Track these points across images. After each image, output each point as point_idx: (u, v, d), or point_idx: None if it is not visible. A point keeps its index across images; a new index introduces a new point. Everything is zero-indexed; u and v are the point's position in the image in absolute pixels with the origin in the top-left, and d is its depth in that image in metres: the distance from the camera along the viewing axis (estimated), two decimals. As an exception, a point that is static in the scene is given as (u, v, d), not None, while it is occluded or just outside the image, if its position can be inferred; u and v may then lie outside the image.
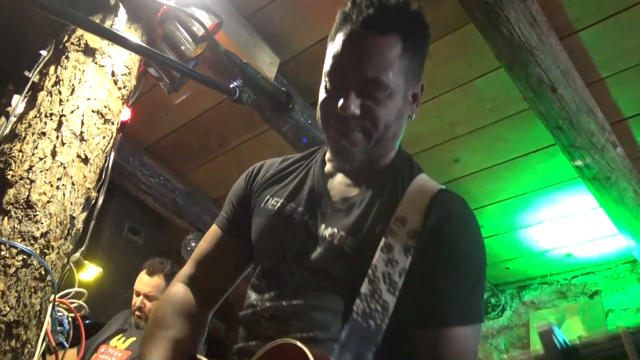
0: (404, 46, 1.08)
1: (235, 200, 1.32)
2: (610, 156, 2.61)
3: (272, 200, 1.21)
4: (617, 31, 2.31)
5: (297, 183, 1.23)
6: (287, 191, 1.22)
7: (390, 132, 1.13)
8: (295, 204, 1.18)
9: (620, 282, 3.64)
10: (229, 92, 1.22)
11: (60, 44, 1.93)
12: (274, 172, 1.30)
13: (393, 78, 1.07)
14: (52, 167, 1.67)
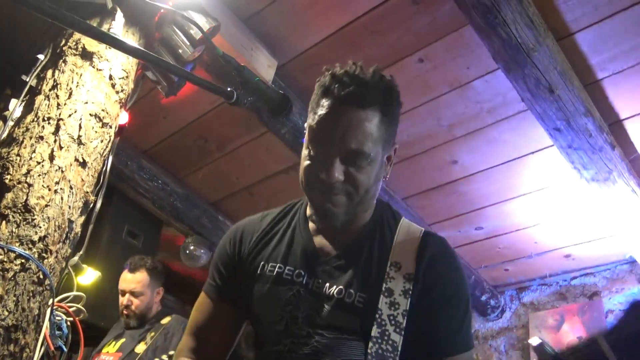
0: (381, 117, 1.19)
1: (224, 267, 1.36)
2: (608, 157, 2.61)
3: (267, 267, 1.27)
4: (614, 32, 2.31)
5: (287, 244, 1.29)
6: (280, 254, 1.28)
7: (370, 194, 1.24)
8: (292, 267, 1.25)
9: (619, 283, 3.64)
10: (226, 95, 1.22)
11: (57, 48, 1.93)
12: (259, 234, 1.35)
13: (373, 148, 1.17)
14: (50, 171, 1.67)
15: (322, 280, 1.21)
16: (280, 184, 3.47)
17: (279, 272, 1.25)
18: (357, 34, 2.50)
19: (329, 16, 2.45)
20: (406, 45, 2.53)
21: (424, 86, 2.70)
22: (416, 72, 2.63)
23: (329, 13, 2.44)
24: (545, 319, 3.80)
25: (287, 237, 1.31)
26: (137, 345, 2.90)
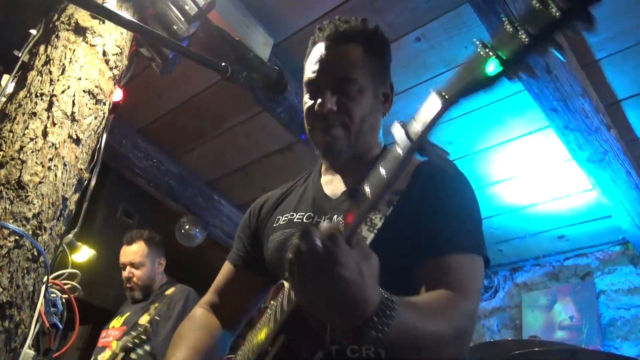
0: (364, 50, 1.27)
1: (244, 235, 1.44)
2: (604, 138, 2.61)
3: (282, 218, 1.33)
4: (611, 13, 2.29)
5: (300, 195, 1.36)
6: (293, 204, 1.34)
7: (367, 125, 1.27)
8: (303, 212, 1.29)
9: (611, 264, 3.68)
10: (221, 70, 1.21)
11: (50, 23, 1.90)
12: (277, 197, 1.43)
13: (360, 75, 1.25)
14: (43, 147, 1.65)
15: (331, 215, 1.23)
16: (275, 164, 3.46)
17: (290, 219, 1.30)
18: (354, 12, 2.47)
19: (326, -7, 2.42)
20: (403, 24, 2.50)
21: (421, 65, 2.68)
22: (413, 51, 2.61)
23: (326, -10, 2.41)
24: (537, 299, 3.84)
25: (300, 190, 1.38)
26: (141, 317, 2.91)
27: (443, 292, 1.02)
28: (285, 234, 1.27)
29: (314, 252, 0.78)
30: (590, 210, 3.41)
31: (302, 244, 0.80)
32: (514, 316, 3.92)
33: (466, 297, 1.03)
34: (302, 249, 0.80)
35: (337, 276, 0.78)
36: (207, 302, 1.43)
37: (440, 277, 1.05)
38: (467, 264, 1.09)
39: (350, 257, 0.79)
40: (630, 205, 2.97)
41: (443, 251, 1.08)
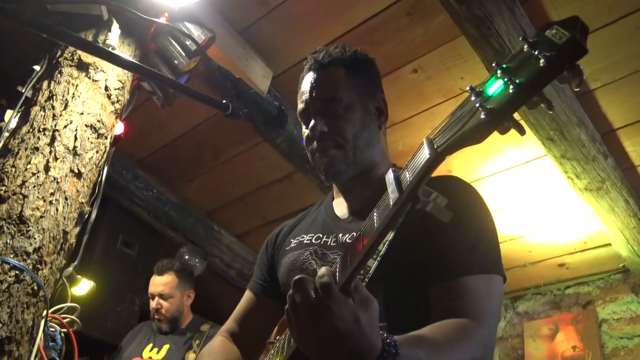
0: (346, 71, 1.33)
1: (262, 263, 1.46)
2: (601, 166, 2.63)
3: (293, 241, 1.37)
4: (605, 43, 2.34)
5: (313, 219, 1.41)
6: (305, 227, 1.39)
7: (362, 140, 1.29)
8: (313, 233, 1.32)
9: (613, 292, 3.66)
10: (222, 108, 1.23)
11: (53, 59, 1.93)
12: (293, 223, 1.47)
13: (345, 93, 1.30)
14: (45, 182, 1.67)
15: (337, 234, 1.25)
16: (275, 193, 3.47)
17: (300, 241, 1.33)
18: (352, 44, 2.51)
19: (324, 27, 2.47)
20: (400, 56, 2.55)
21: (418, 96, 2.72)
22: (411, 83, 2.65)
23: (324, 24, 2.46)
24: (539, 328, 3.81)
25: (314, 215, 1.42)
26: (187, 353, 2.88)
27: (455, 322, 0.98)
28: (295, 255, 1.30)
29: (307, 303, 0.78)
30: (589, 239, 3.41)
31: (296, 295, 0.80)
32: (516, 346, 3.89)
33: (480, 324, 0.98)
34: (296, 300, 0.79)
35: (332, 328, 0.77)
36: (227, 331, 1.43)
37: (453, 302, 1.01)
38: (482, 285, 1.04)
39: (346, 308, 0.78)
40: (630, 233, 2.98)
41: (455, 274, 1.04)
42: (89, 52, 1.22)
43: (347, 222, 1.28)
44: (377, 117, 1.36)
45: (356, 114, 1.30)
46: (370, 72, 1.40)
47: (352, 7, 2.38)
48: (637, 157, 2.85)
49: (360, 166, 1.30)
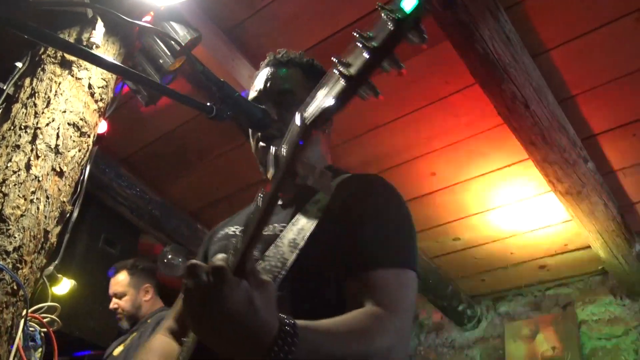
0: (302, 72, 1.39)
1: (200, 258, 1.44)
2: (581, 171, 2.67)
3: (222, 232, 1.38)
4: (587, 50, 2.38)
5: (243, 213, 1.43)
6: (233, 221, 1.41)
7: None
8: (238, 225, 1.34)
9: (592, 294, 3.72)
10: (206, 110, 1.23)
11: (36, 56, 1.91)
12: (230, 218, 1.48)
13: (297, 89, 1.35)
14: (26, 180, 1.65)
15: None
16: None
17: (227, 232, 1.35)
18: (338, 46, 2.51)
19: (311, 28, 2.47)
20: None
21: (403, 99, 2.73)
22: (396, 86, 2.66)
23: (311, 25, 2.46)
24: (520, 328, 3.85)
25: (247, 209, 1.43)
26: (116, 348, 2.87)
27: (368, 310, 0.98)
28: (218, 246, 1.31)
29: (199, 288, 0.78)
30: (570, 241, 3.46)
31: (188, 280, 0.79)
32: (497, 346, 3.93)
33: (394, 313, 0.98)
34: (189, 285, 0.79)
35: (226, 309, 0.76)
36: (167, 329, 1.39)
37: (368, 293, 1.01)
38: (395, 278, 1.05)
39: (238, 290, 0.78)
40: (609, 236, 3.03)
41: (370, 266, 1.05)
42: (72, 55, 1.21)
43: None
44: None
45: None
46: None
47: (339, 10, 2.39)
48: (616, 162, 2.90)
49: None
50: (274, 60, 1.43)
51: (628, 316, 3.51)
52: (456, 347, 4.12)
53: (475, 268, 3.87)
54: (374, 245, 1.09)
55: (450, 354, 4.11)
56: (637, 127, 2.69)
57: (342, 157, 3.07)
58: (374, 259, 1.06)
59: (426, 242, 3.61)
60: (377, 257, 1.07)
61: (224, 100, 1.23)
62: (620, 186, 3.04)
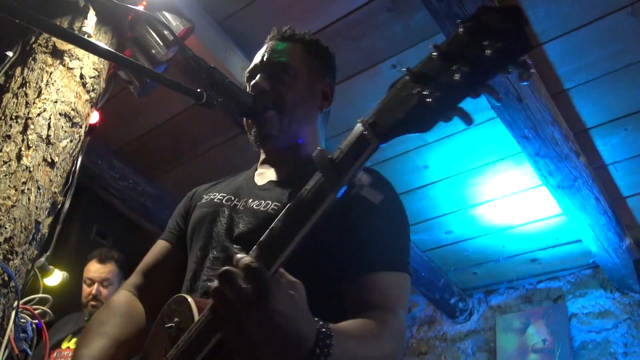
0: (303, 48, 1.38)
1: (178, 215, 1.41)
2: (573, 165, 2.68)
3: (206, 197, 1.33)
4: (580, 44, 2.38)
5: (229, 182, 1.38)
6: (219, 188, 1.36)
7: (300, 112, 1.31)
8: (225, 193, 1.30)
9: (582, 287, 3.74)
10: (196, 96, 1.22)
11: (27, 45, 1.89)
12: (214, 182, 1.44)
13: (295, 63, 1.34)
14: (17, 170, 1.64)
15: (247, 199, 1.23)
16: (253, 186, 3.46)
17: (212, 198, 1.30)
18: (332, 38, 2.52)
19: (304, 20, 2.46)
20: (380, 51, 2.56)
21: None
22: (389, 78, 2.64)
23: (304, 17, 2.45)
24: (511, 321, 3.88)
25: (234, 180, 1.39)
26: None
27: (373, 314, 1.00)
28: (203, 212, 1.27)
29: (241, 294, 0.72)
30: (561, 235, 3.48)
31: (226, 289, 0.73)
32: (489, 339, 3.95)
33: (395, 317, 1.01)
34: (228, 295, 0.73)
35: (272, 312, 0.72)
36: (133, 285, 1.32)
37: (368, 296, 1.03)
38: (394, 281, 1.08)
39: (282, 289, 0.75)
40: (600, 230, 3.05)
41: (370, 269, 1.06)
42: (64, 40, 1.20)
43: (262, 189, 1.25)
44: (321, 99, 1.39)
45: (300, 86, 1.33)
46: (326, 59, 1.44)
47: (333, 1, 2.38)
48: (608, 156, 2.92)
49: (291, 139, 1.31)
50: (277, 35, 1.42)
51: (618, 309, 3.55)
52: (448, 340, 4.15)
53: (468, 261, 3.89)
54: (374, 249, 1.09)
55: (442, 346, 4.14)
56: (629, 121, 2.71)
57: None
58: (374, 262, 1.07)
59: (419, 235, 3.62)
60: (377, 261, 1.07)
61: (214, 86, 1.21)
62: (612, 180, 3.05)
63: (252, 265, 0.73)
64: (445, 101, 0.63)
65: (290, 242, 0.76)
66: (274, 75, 1.33)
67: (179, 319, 1.00)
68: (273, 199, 1.18)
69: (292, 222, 0.77)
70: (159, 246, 1.37)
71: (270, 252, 0.77)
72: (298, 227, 0.75)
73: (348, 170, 0.71)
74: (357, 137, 0.72)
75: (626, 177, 3.03)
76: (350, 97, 2.76)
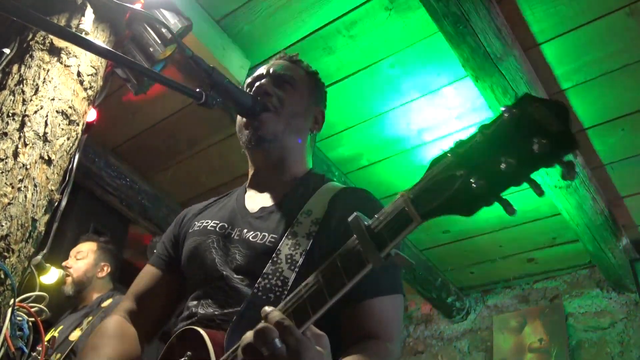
0: (304, 73, 1.45)
1: (167, 240, 1.41)
2: (570, 165, 2.68)
3: (198, 224, 1.33)
4: (578, 44, 2.39)
5: (221, 207, 1.38)
6: (212, 213, 1.36)
7: (295, 123, 1.35)
8: (218, 221, 1.30)
9: (579, 287, 3.75)
10: (195, 97, 1.22)
11: (24, 42, 1.89)
12: (203, 207, 1.43)
13: (299, 81, 1.40)
14: (13, 168, 1.63)
15: (242, 229, 1.23)
16: (250, 185, 3.46)
17: (204, 226, 1.30)
18: (330, 37, 2.52)
19: (303, 18, 2.46)
20: (378, 50, 2.55)
21: (394, 91, 2.73)
22: (387, 77, 2.66)
23: (303, 15, 2.45)
24: (508, 321, 3.89)
25: (225, 202, 1.40)
26: (73, 332, 2.74)
27: (372, 343, 1.04)
28: (196, 241, 1.27)
29: (277, 354, 0.75)
30: (558, 235, 3.49)
31: (263, 348, 0.76)
32: (485, 338, 3.96)
33: (391, 342, 1.06)
34: (264, 353, 0.75)
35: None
36: (125, 310, 1.35)
37: (366, 324, 1.07)
38: (389, 305, 1.11)
39: (312, 349, 0.77)
40: (596, 230, 3.05)
41: (368, 295, 1.09)
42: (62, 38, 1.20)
43: (255, 217, 1.26)
44: (313, 122, 1.44)
45: (299, 100, 1.38)
46: (321, 90, 1.51)
47: (331, 0, 2.38)
48: (605, 156, 2.92)
49: (282, 149, 1.33)
50: (284, 56, 1.48)
51: (614, 309, 3.55)
52: (445, 339, 4.15)
53: (464, 260, 3.89)
54: (371, 276, 1.09)
55: (439, 345, 4.14)
56: (626, 121, 2.71)
57: (333, 149, 3.08)
58: (371, 290, 1.09)
59: (416, 235, 3.62)
60: (374, 288, 1.10)
61: (213, 86, 1.22)
62: (609, 180, 3.06)
63: (285, 324, 0.76)
64: (489, 189, 0.65)
65: (323, 306, 0.79)
66: (277, 83, 1.38)
67: (192, 353, 1.02)
68: (269, 230, 1.19)
69: (327, 286, 0.79)
70: (149, 272, 1.39)
71: (301, 310, 0.80)
72: (333, 292, 0.78)
73: (388, 245, 0.74)
74: (399, 212, 0.74)
75: (623, 177, 3.03)
76: (347, 96, 2.76)
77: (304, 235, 1.14)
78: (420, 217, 0.72)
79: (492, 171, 0.64)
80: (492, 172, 0.64)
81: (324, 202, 1.20)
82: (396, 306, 1.13)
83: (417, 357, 4.18)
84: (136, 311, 1.34)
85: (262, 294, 1.07)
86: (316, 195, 1.24)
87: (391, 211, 0.75)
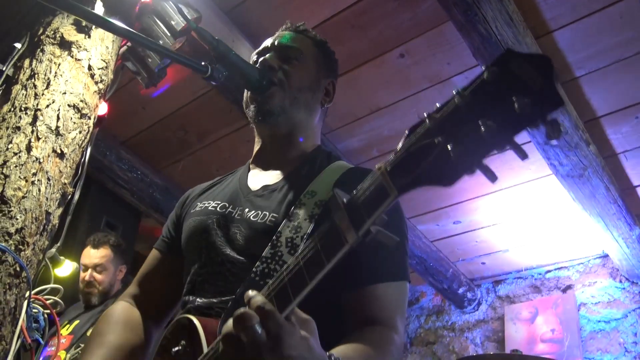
0: (313, 43, 1.40)
1: (170, 222, 1.40)
2: (583, 154, 2.66)
3: (199, 204, 1.30)
4: (590, 31, 2.36)
5: (224, 187, 1.35)
6: (215, 194, 1.33)
7: (302, 97, 1.31)
8: (219, 201, 1.26)
9: (591, 277, 3.73)
10: (200, 70, 1.20)
11: (35, 37, 1.89)
12: (205, 187, 1.41)
13: (306, 51, 1.35)
14: (27, 162, 1.64)
15: (243, 208, 1.20)
16: (260, 177, 3.47)
17: (206, 206, 1.27)
18: (339, 27, 2.51)
19: (311, 9, 2.45)
20: (387, 40, 2.54)
21: (404, 81, 2.72)
22: (397, 67, 2.65)
23: (312, 6, 2.44)
24: (520, 311, 3.88)
25: (226, 182, 1.37)
26: (90, 328, 2.78)
27: (374, 330, 1.01)
28: (197, 220, 1.24)
29: (257, 340, 0.72)
30: (571, 224, 3.46)
31: (241, 333, 0.72)
32: (497, 329, 3.96)
33: (395, 330, 1.03)
34: (244, 339, 0.72)
35: (286, 359, 0.72)
36: (129, 295, 1.35)
37: (369, 309, 1.04)
38: (394, 292, 1.08)
39: (295, 334, 0.74)
40: (609, 219, 3.03)
41: (372, 281, 1.06)
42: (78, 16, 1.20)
43: (257, 195, 1.22)
44: (324, 95, 1.39)
45: (307, 73, 1.33)
46: (332, 60, 1.45)
47: (339, -10, 2.37)
48: (618, 144, 2.89)
49: (290, 123, 1.29)
50: (291, 26, 1.44)
51: (627, 299, 3.53)
52: (456, 330, 4.15)
53: (476, 251, 3.88)
54: (376, 260, 1.08)
55: (451, 336, 4.15)
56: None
57: (343, 140, 3.07)
58: (376, 274, 1.07)
59: (427, 225, 3.61)
60: (379, 273, 1.07)
61: (219, 59, 1.20)
62: (622, 169, 3.03)
63: (266, 308, 0.72)
64: (469, 156, 0.60)
65: (303, 289, 0.75)
66: (283, 56, 1.33)
67: (186, 342, 0.99)
68: (270, 209, 1.16)
69: (307, 268, 0.75)
70: (153, 255, 1.39)
71: (283, 294, 0.76)
72: (312, 274, 0.74)
73: (365, 222, 0.69)
74: (376, 186, 0.69)
75: (636, 166, 3.01)
76: (357, 87, 2.75)
77: (307, 217, 1.09)
78: (398, 190, 0.66)
79: (471, 136, 0.59)
80: (471, 137, 0.59)
81: (329, 184, 1.16)
82: (401, 293, 1.09)
83: (429, 347, 4.18)
84: (140, 295, 1.35)
85: (259, 279, 1.03)
86: (322, 175, 1.20)
87: (368, 186, 0.70)
